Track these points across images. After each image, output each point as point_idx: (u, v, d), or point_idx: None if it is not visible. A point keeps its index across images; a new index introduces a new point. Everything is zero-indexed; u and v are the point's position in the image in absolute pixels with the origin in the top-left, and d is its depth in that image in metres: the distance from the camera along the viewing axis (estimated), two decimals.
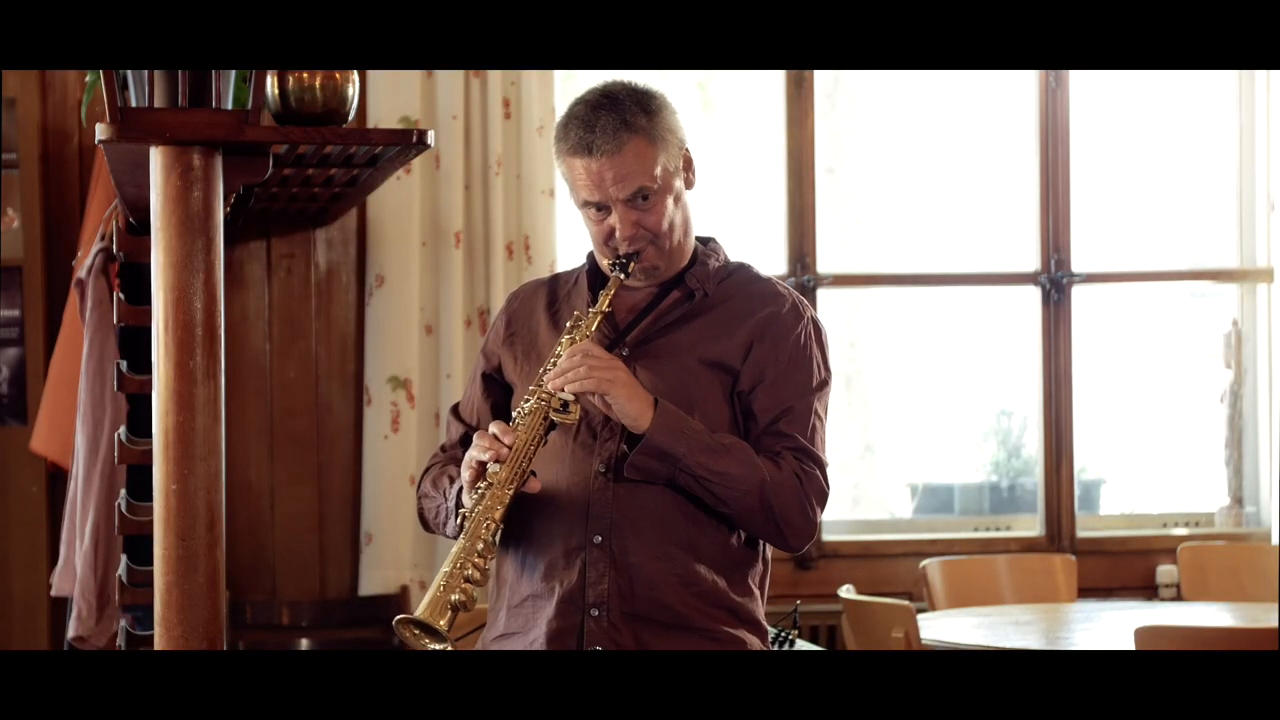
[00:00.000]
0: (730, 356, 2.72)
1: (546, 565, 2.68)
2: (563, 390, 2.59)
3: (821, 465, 2.72)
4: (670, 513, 2.67)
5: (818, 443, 2.73)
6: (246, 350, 5.18)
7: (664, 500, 2.67)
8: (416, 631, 2.51)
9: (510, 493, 2.57)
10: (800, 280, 5.38)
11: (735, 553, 2.73)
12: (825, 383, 2.77)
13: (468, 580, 2.52)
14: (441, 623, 2.48)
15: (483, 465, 2.60)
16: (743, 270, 2.83)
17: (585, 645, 2.65)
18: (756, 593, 2.77)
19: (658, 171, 2.68)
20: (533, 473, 2.60)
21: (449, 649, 2.50)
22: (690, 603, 2.68)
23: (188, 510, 2.37)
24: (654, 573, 2.66)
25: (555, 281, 2.89)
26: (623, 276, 2.70)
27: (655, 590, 2.67)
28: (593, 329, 2.68)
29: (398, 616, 2.53)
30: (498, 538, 2.59)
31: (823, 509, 2.72)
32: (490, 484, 2.58)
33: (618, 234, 2.68)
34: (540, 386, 2.63)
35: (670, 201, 2.71)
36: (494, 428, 2.62)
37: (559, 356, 2.64)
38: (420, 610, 2.50)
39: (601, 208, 2.69)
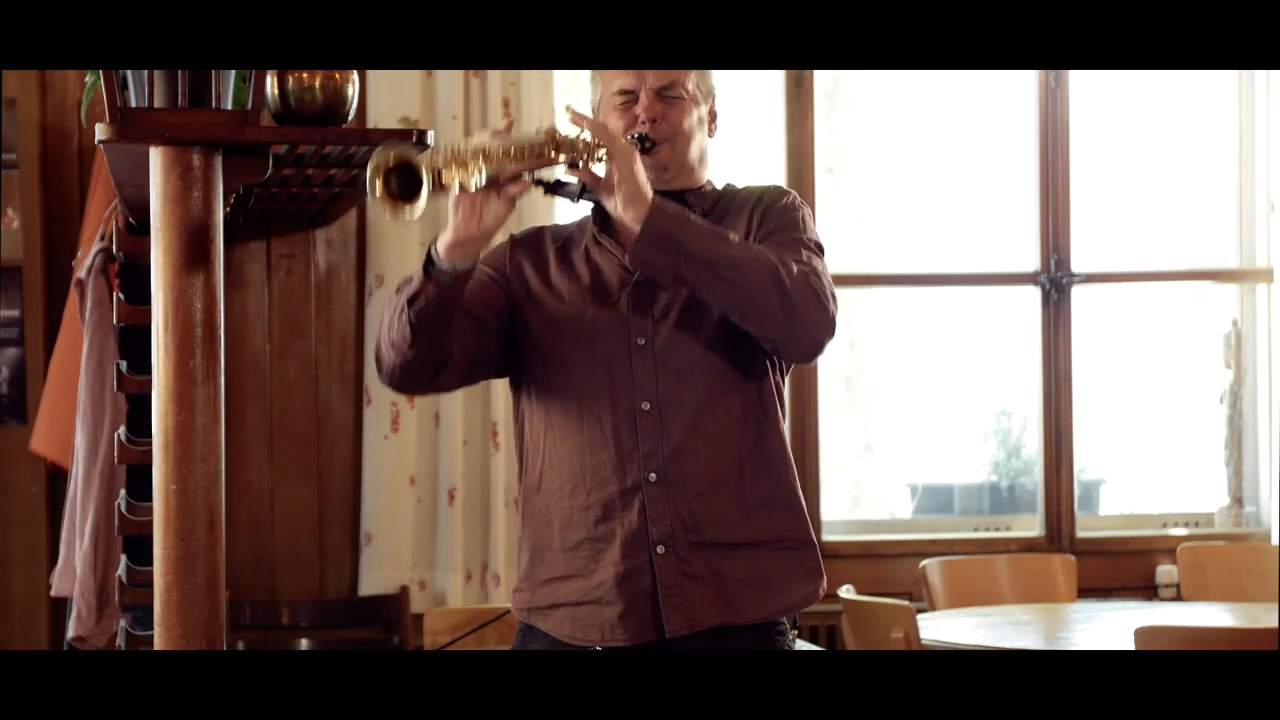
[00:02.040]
0: None
1: (604, 507, 2.71)
2: (581, 129, 2.61)
3: (826, 279, 2.68)
4: (716, 427, 2.71)
5: (818, 269, 2.69)
6: (246, 350, 5.17)
7: (709, 416, 2.71)
8: (394, 177, 2.43)
9: (501, 166, 2.52)
10: None
11: (776, 453, 2.76)
12: (819, 244, 2.77)
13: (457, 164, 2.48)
14: (424, 175, 2.41)
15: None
16: (729, 188, 2.90)
17: (658, 581, 2.68)
18: (801, 501, 2.80)
19: (690, 83, 2.80)
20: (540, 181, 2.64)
21: (414, 211, 2.42)
22: (755, 514, 2.72)
23: (188, 510, 2.37)
24: (714, 497, 2.71)
25: (552, 228, 2.93)
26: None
27: (720, 513, 2.71)
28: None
29: (391, 155, 2.42)
30: (483, 178, 2.51)
31: (836, 308, 2.68)
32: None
33: (641, 114, 2.77)
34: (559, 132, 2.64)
35: (694, 113, 2.80)
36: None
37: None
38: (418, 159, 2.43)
39: (629, 94, 2.78)
